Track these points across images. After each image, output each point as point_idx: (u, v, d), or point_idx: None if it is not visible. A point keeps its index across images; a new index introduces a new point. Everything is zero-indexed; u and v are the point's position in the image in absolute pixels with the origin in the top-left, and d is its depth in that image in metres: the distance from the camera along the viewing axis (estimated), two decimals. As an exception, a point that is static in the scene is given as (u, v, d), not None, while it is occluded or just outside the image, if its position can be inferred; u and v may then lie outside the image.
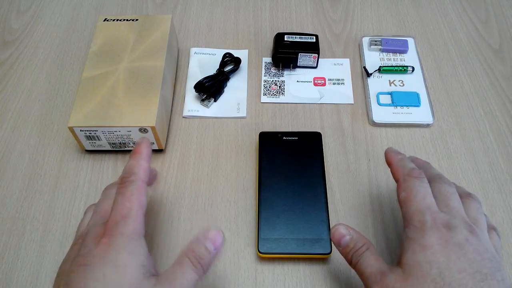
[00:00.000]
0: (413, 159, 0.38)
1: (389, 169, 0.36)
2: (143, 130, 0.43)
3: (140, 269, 0.28)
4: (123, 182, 0.31)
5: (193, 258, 0.30)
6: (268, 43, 0.56)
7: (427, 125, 0.49)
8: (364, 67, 0.53)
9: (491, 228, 0.33)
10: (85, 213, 0.35)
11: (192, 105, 0.50)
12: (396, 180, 0.35)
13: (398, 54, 0.54)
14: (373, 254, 0.32)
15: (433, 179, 0.34)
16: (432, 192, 0.33)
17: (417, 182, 0.33)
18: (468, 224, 0.31)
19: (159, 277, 0.29)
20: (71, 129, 0.42)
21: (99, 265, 0.28)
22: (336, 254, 0.40)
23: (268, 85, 0.52)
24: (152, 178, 0.38)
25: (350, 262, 0.33)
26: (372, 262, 0.32)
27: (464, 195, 0.34)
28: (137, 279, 0.28)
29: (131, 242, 0.29)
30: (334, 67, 0.54)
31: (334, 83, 0.52)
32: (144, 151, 0.34)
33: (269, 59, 0.54)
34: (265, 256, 0.39)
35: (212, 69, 0.52)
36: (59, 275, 0.29)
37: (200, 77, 0.50)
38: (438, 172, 0.36)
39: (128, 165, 0.33)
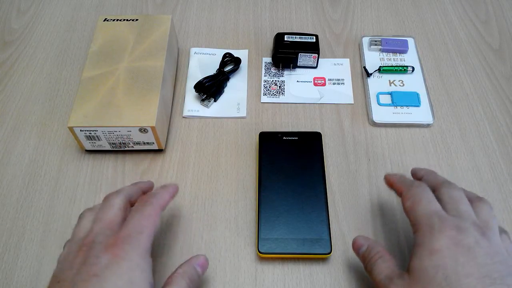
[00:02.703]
0: (418, 169, 0.39)
1: (393, 189, 0.37)
2: (143, 130, 0.43)
3: (148, 287, 0.29)
4: (143, 201, 0.34)
5: (188, 280, 0.33)
6: (268, 43, 0.56)
7: (427, 125, 0.49)
8: (364, 67, 0.53)
9: (502, 232, 0.33)
10: (81, 218, 0.34)
11: (192, 105, 0.50)
12: (400, 194, 0.35)
13: (398, 54, 0.54)
14: (385, 261, 0.33)
15: (441, 185, 0.34)
16: (441, 198, 0.33)
17: (420, 189, 0.34)
18: (479, 227, 0.31)
19: None
20: (71, 129, 0.42)
21: (112, 277, 0.28)
22: (336, 254, 0.40)
23: (268, 85, 0.52)
24: None
25: (366, 270, 0.35)
26: (382, 269, 0.32)
27: (475, 199, 0.34)
28: None
29: (143, 260, 0.30)
30: (334, 67, 0.54)
31: (334, 83, 0.52)
32: (172, 189, 0.37)
33: (269, 59, 0.54)
34: (265, 256, 0.39)
35: (212, 69, 0.52)
36: (61, 280, 0.29)
37: (200, 77, 0.50)
38: (445, 178, 0.36)
39: (154, 192, 0.35)
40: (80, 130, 0.42)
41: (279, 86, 0.52)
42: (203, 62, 0.54)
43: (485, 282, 0.27)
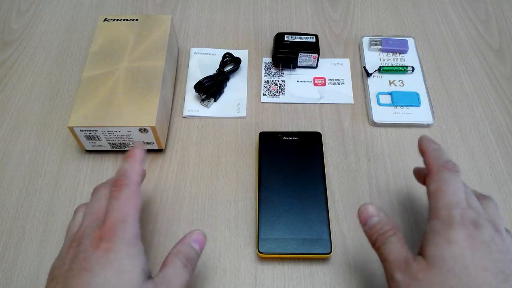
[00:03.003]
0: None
1: (422, 158, 0.35)
2: (143, 130, 0.43)
3: (141, 273, 0.29)
4: (116, 185, 0.32)
5: (184, 259, 0.32)
6: (268, 43, 0.56)
7: (427, 125, 0.49)
8: (364, 67, 0.53)
9: (507, 231, 0.32)
10: (75, 212, 0.34)
11: (192, 105, 0.50)
12: (429, 170, 0.34)
13: (398, 54, 0.54)
14: (399, 240, 0.32)
15: None
16: None
17: (451, 175, 0.32)
18: (493, 223, 0.30)
19: (155, 280, 0.30)
20: (71, 129, 0.42)
21: (101, 270, 0.28)
22: (336, 254, 0.40)
23: (268, 85, 0.52)
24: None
25: (373, 244, 0.33)
26: (397, 248, 0.31)
27: (481, 197, 0.34)
28: (138, 283, 0.28)
29: (132, 247, 0.29)
30: (334, 67, 0.54)
31: (334, 83, 0.52)
32: (138, 154, 0.34)
33: (269, 59, 0.54)
34: (265, 256, 0.39)
35: (212, 69, 0.52)
36: (55, 277, 0.29)
37: (200, 77, 0.50)
38: None
39: (122, 168, 0.33)
40: (80, 130, 0.42)
41: (279, 86, 0.52)
42: (203, 62, 0.54)
43: (499, 277, 0.27)
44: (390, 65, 0.53)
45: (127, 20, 0.50)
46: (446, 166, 0.33)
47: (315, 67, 0.53)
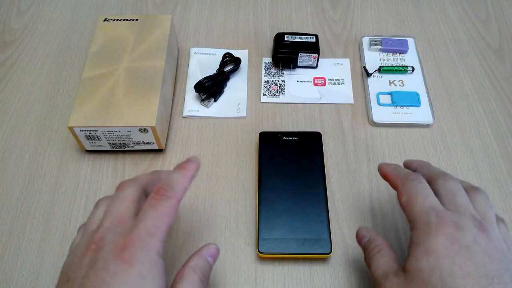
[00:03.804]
0: (412, 161, 0.38)
1: (387, 182, 0.36)
2: (143, 130, 0.43)
3: None
4: (159, 193, 0.30)
5: (200, 274, 0.31)
6: (268, 43, 0.56)
7: (427, 125, 0.49)
8: (364, 67, 0.53)
9: (499, 220, 0.32)
10: (97, 206, 0.32)
11: (192, 105, 0.50)
12: (395, 187, 0.34)
13: (398, 54, 0.54)
14: (384, 256, 0.32)
15: (437, 177, 0.33)
16: (438, 190, 0.32)
17: (416, 183, 0.33)
18: (478, 221, 0.30)
19: None
20: (71, 129, 0.42)
21: (121, 286, 0.26)
22: (336, 254, 0.40)
23: (268, 85, 0.52)
24: None
25: (365, 262, 0.34)
26: (380, 264, 0.32)
27: (470, 189, 0.33)
28: None
29: (155, 267, 0.28)
30: (334, 67, 0.54)
31: (334, 83, 0.52)
32: (191, 169, 0.32)
33: (269, 59, 0.54)
34: (265, 256, 0.39)
35: (212, 69, 0.52)
36: (70, 279, 0.28)
37: (200, 77, 0.50)
38: (440, 170, 0.35)
39: (171, 178, 0.31)
40: (80, 130, 0.42)
41: (279, 86, 0.52)
42: (203, 62, 0.54)
43: (482, 282, 0.27)
44: (390, 65, 0.53)
45: (127, 20, 0.50)
46: (408, 177, 0.33)
47: (315, 67, 0.53)
